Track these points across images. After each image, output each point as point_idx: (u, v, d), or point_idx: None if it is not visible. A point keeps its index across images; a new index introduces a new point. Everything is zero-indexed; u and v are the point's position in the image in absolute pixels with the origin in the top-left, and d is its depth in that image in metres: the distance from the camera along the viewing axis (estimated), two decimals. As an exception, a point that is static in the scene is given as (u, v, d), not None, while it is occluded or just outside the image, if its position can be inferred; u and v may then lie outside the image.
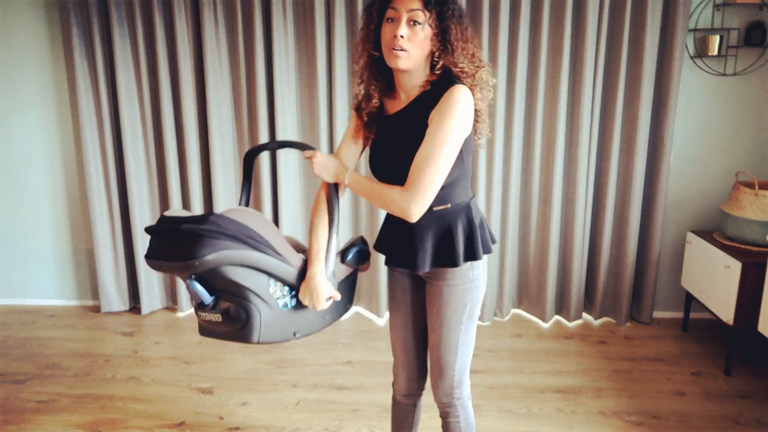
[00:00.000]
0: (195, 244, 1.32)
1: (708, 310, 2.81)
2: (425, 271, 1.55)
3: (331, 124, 3.07)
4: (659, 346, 2.98)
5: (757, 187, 2.72)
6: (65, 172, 3.34)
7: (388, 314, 1.75)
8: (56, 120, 3.27)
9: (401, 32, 1.37)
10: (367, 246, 1.68)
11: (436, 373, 1.65)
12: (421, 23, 1.38)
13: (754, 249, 2.67)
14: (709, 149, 3.10)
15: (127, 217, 3.29)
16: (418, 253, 1.52)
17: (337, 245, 1.56)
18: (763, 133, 3.06)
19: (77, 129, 3.26)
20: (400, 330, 1.71)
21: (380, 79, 1.52)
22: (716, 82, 3.01)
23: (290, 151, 3.13)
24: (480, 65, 1.47)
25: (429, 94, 1.45)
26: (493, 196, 3.08)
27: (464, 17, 1.45)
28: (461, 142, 1.43)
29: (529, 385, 2.62)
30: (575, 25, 2.90)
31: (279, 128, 3.06)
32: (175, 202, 3.20)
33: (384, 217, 1.67)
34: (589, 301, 3.28)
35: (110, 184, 3.22)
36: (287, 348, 2.96)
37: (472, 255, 1.54)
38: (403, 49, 1.38)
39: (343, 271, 1.60)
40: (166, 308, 3.45)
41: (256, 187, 3.20)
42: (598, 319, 3.25)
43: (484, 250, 1.57)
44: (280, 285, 1.48)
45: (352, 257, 1.62)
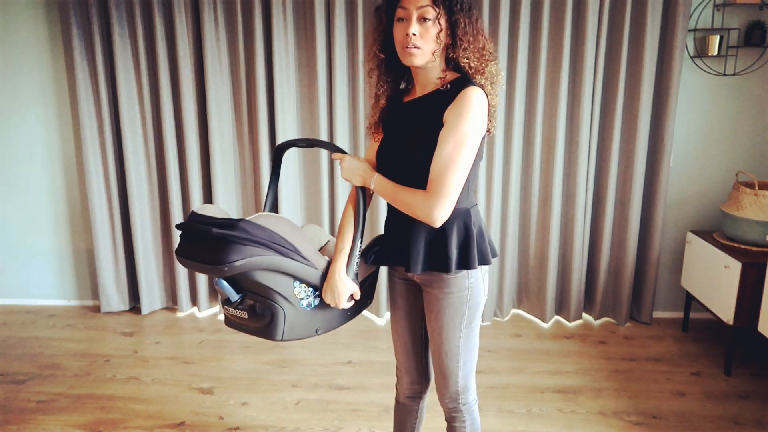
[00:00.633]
0: (224, 250, 1.37)
1: (708, 310, 2.81)
2: (418, 273, 1.54)
3: (331, 124, 3.07)
4: (659, 346, 2.98)
5: (757, 187, 2.72)
6: (65, 172, 3.34)
7: (391, 320, 1.75)
8: (56, 120, 3.27)
9: (413, 30, 1.39)
10: None
11: (440, 380, 1.64)
12: (431, 19, 1.40)
13: (754, 249, 2.67)
14: (709, 149, 3.10)
15: (127, 217, 3.29)
16: (411, 252, 1.51)
17: (361, 246, 1.58)
18: (763, 133, 3.06)
19: (77, 129, 3.26)
20: (401, 334, 1.71)
21: (389, 80, 1.56)
22: (716, 82, 3.01)
23: (291, 152, 3.13)
24: (489, 59, 1.48)
25: (444, 92, 1.46)
26: (493, 195, 3.08)
27: (473, 10, 1.45)
28: (478, 145, 1.44)
29: (529, 385, 2.62)
30: (575, 25, 2.90)
31: (279, 128, 3.05)
32: (175, 202, 3.20)
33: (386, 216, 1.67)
34: (589, 301, 3.28)
35: (110, 184, 3.22)
36: (287, 348, 2.96)
37: (466, 263, 1.50)
38: (416, 46, 1.40)
39: (365, 270, 1.64)
40: (166, 308, 3.45)
41: (255, 186, 3.20)
42: (598, 319, 3.25)
43: (481, 260, 1.53)
44: (305, 286, 1.53)
45: (374, 256, 1.65)
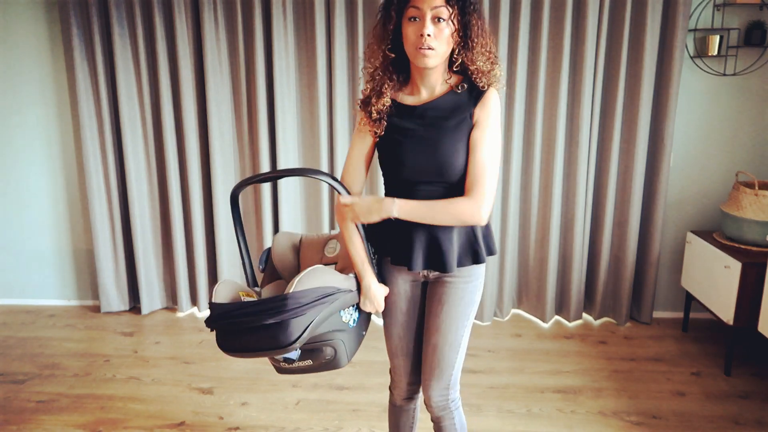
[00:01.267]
0: (285, 331, 1.39)
1: (708, 310, 2.81)
2: (452, 272, 1.55)
3: (331, 124, 3.07)
4: (659, 346, 2.98)
5: (757, 187, 2.72)
6: (65, 172, 3.34)
7: (388, 322, 1.69)
8: (56, 120, 3.27)
9: (428, 31, 1.37)
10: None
11: (434, 374, 1.63)
12: (445, 19, 1.38)
13: (754, 249, 2.67)
14: (709, 149, 3.10)
15: (127, 217, 3.29)
16: (447, 253, 1.51)
17: (372, 250, 1.61)
18: (763, 133, 3.06)
19: (77, 129, 3.26)
20: (403, 337, 1.69)
21: (394, 78, 1.51)
22: (716, 82, 3.01)
23: (291, 153, 3.13)
24: (495, 61, 1.48)
25: (458, 95, 1.47)
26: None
27: (482, 11, 1.46)
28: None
29: (529, 385, 2.62)
30: (575, 25, 2.90)
31: (279, 128, 3.05)
32: (175, 202, 3.20)
33: (385, 224, 1.54)
34: (589, 301, 3.28)
35: (110, 184, 3.22)
36: (287, 348, 2.96)
37: (489, 251, 1.60)
38: (431, 47, 1.38)
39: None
40: (166, 308, 3.45)
41: (256, 194, 3.20)
42: (598, 319, 3.25)
43: (491, 251, 1.63)
44: (348, 309, 1.58)
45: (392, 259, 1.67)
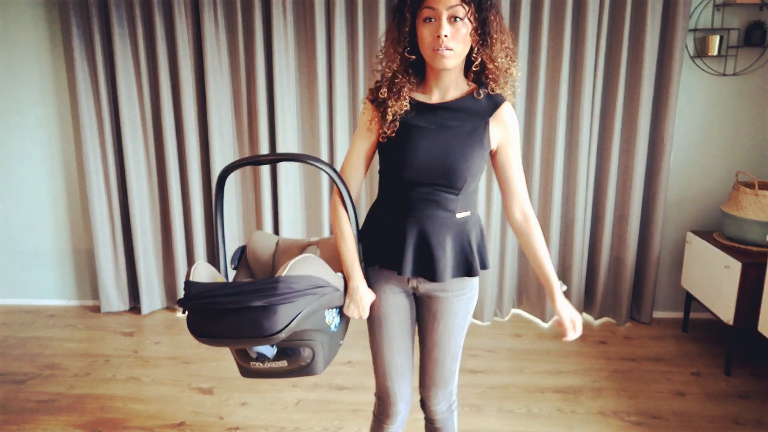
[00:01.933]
0: (271, 317, 1.24)
1: (708, 310, 2.81)
2: (442, 282, 1.49)
3: (331, 124, 3.07)
4: (659, 346, 2.98)
5: (757, 187, 2.72)
6: (65, 172, 3.34)
7: (378, 336, 1.57)
8: (56, 120, 3.27)
9: (445, 32, 1.32)
10: None
11: (439, 385, 1.62)
12: (461, 18, 1.33)
13: (754, 249, 2.67)
14: (709, 149, 3.10)
15: (127, 217, 3.29)
16: (439, 261, 1.45)
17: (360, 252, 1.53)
18: (763, 133, 3.06)
19: (77, 129, 3.26)
20: (397, 353, 1.57)
21: (414, 81, 1.45)
22: (716, 82, 3.01)
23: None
24: (513, 58, 1.44)
25: (476, 100, 1.43)
26: (493, 196, 3.08)
27: (499, 6, 1.41)
28: None
29: (529, 385, 2.62)
30: (575, 25, 2.90)
31: (279, 128, 3.05)
32: (175, 202, 3.20)
33: (377, 228, 1.54)
34: (589, 301, 3.28)
35: (110, 184, 3.22)
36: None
37: (483, 265, 1.53)
38: (449, 48, 1.33)
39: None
40: (166, 308, 3.45)
41: (256, 192, 3.20)
42: (598, 319, 3.25)
43: (487, 261, 1.56)
44: (332, 311, 1.47)
45: (382, 263, 1.58)
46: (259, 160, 1.40)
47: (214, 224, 1.52)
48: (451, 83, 1.44)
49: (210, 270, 1.41)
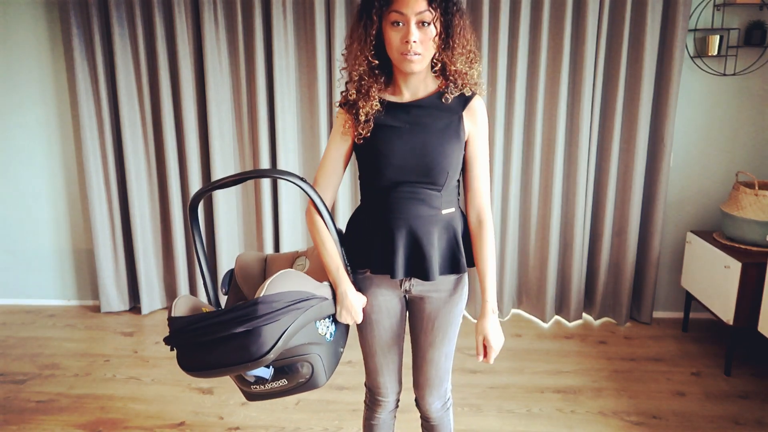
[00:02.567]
0: (256, 341, 1.23)
1: (708, 310, 2.81)
2: (433, 280, 1.48)
3: (331, 124, 3.07)
4: (659, 346, 2.98)
5: (757, 187, 2.72)
6: (65, 172, 3.34)
7: (370, 340, 1.59)
8: (56, 120, 3.27)
9: (414, 38, 1.33)
10: None
11: (434, 384, 1.62)
12: (428, 23, 1.34)
13: (754, 249, 2.67)
14: (709, 149, 3.10)
15: (127, 217, 3.29)
16: (430, 259, 1.45)
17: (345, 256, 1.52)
18: (763, 133, 3.06)
19: (77, 129, 3.26)
20: (387, 352, 1.60)
21: (380, 81, 1.45)
22: (716, 82, 3.01)
23: (291, 153, 3.13)
24: (474, 60, 1.45)
25: (447, 97, 1.45)
26: (492, 195, 3.08)
27: (464, 9, 1.42)
28: None
29: (529, 385, 2.62)
30: (575, 25, 2.90)
31: (279, 128, 3.05)
32: (175, 202, 3.20)
33: (363, 233, 1.52)
34: (589, 301, 3.28)
35: (110, 184, 3.22)
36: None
37: (469, 260, 1.53)
38: (417, 53, 1.35)
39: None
40: (166, 308, 3.45)
41: (257, 202, 3.19)
42: (598, 319, 3.25)
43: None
44: (324, 320, 1.45)
45: (371, 267, 1.56)
46: (226, 182, 1.37)
47: (195, 252, 1.47)
48: (420, 83, 1.46)
49: (192, 301, 1.40)
